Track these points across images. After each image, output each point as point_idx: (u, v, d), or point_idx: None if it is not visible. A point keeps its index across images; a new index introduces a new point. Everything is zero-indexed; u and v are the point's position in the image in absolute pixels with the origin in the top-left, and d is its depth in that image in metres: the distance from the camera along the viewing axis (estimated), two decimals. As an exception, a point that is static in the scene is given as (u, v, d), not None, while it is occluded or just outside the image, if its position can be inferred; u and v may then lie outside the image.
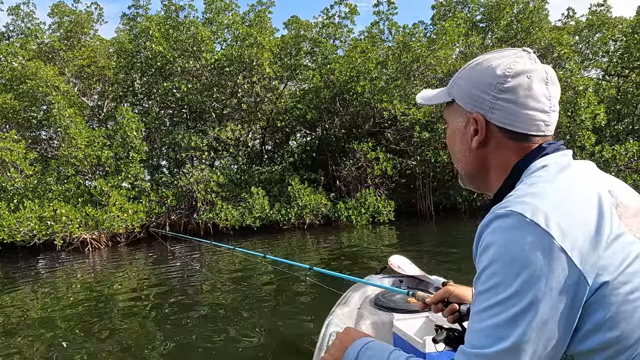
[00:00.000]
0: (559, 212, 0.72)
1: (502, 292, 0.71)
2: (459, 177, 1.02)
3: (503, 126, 0.88)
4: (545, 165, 0.83)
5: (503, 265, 0.72)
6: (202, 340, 4.86)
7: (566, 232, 0.71)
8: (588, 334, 0.72)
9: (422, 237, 13.02)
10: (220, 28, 18.37)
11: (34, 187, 14.20)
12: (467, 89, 0.92)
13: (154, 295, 7.26)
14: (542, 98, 0.86)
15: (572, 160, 0.86)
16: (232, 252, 5.42)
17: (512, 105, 0.86)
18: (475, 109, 0.90)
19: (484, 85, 0.89)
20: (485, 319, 0.73)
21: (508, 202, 0.77)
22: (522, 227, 0.72)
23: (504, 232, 0.73)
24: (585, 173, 0.84)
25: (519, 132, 0.87)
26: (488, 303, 0.73)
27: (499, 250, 0.73)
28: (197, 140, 16.47)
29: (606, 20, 20.84)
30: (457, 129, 0.97)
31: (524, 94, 0.86)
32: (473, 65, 0.93)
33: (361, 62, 16.47)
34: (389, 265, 3.50)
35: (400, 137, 18.01)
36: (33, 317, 6.33)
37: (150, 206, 15.48)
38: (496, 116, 0.88)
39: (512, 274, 0.71)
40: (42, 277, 9.86)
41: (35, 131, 17.88)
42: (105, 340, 5.05)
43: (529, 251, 0.70)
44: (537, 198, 0.75)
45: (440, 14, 21.27)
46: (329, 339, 2.40)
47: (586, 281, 0.70)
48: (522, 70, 0.86)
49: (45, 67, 15.88)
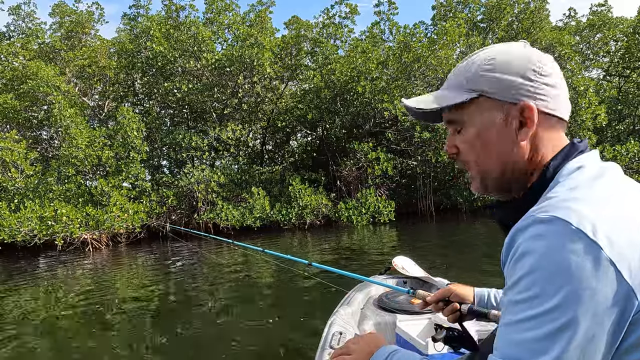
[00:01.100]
0: (605, 221, 0.67)
1: (543, 304, 0.66)
2: (480, 183, 0.92)
3: (550, 112, 0.83)
4: (582, 167, 0.79)
5: (544, 275, 0.67)
6: (203, 339, 4.86)
7: (614, 243, 0.65)
8: (631, 348, 0.68)
9: (422, 237, 13.01)
10: (220, 28, 18.38)
11: (34, 187, 14.20)
12: (500, 78, 0.84)
13: (155, 295, 7.25)
14: (563, 82, 0.86)
15: (601, 162, 0.83)
16: (260, 253, 5.31)
17: (553, 89, 0.83)
18: (515, 97, 0.82)
19: (524, 70, 0.82)
20: (524, 331, 0.68)
21: (548, 206, 0.71)
22: (567, 235, 0.66)
23: (546, 240, 0.68)
24: (624, 178, 0.80)
25: (562, 117, 0.84)
26: (526, 314, 0.68)
27: (540, 259, 0.67)
28: (198, 140, 16.47)
29: (607, 20, 20.85)
30: (491, 127, 0.86)
31: (558, 77, 0.84)
32: (493, 56, 0.86)
33: (362, 62, 16.47)
34: (393, 266, 3.50)
35: (400, 137, 18.01)
36: (33, 317, 6.33)
37: (150, 206, 15.48)
38: (543, 102, 0.82)
39: (554, 285, 0.66)
40: (42, 277, 9.85)
41: (36, 131, 17.89)
42: (106, 340, 5.05)
43: (574, 262, 0.65)
44: (581, 204, 0.69)
45: (440, 14, 21.26)
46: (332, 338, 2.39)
47: (635, 296, 0.65)
48: (546, 55, 0.86)
49: (46, 67, 15.89)
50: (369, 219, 16.07)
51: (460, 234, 13.19)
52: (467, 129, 0.89)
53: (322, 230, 15.46)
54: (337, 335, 2.41)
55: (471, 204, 18.34)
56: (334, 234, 14.34)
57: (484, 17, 20.68)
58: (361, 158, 17.16)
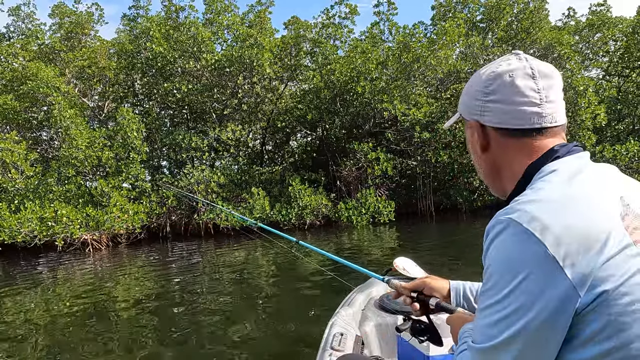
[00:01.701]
0: (557, 220, 0.74)
1: (496, 295, 0.76)
2: (489, 187, 1.07)
3: (496, 126, 0.93)
4: (555, 170, 0.84)
5: (499, 269, 0.77)
6: (203, 340, 4.86)
7: (561, 241, 0.72)
8: (585, 343, 0.73)
9: (422, 237, 13.02)
10: (220, 29, 18.36)
11: (34, 188, 14.20)
12: (464, 101, 1.01)
13: (155, 296, 7.26)
14: (528, 92, 0.88)
15: (586, 164, 0.86)
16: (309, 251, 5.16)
17: (499, 104, 0.91)
18: (471, 116, 0.98)
19: (474, 92, 0.96)
20: (483, 317, 0.79)
21: (510, 207, 0.80)
22: (517, 235, 0.75)
23: (501, 239, 0.77)
24: (597, 179, 0.83)
25: (512, 128, 0.90)
26: (485, 304, 0.79)
27: (496, 255, 0.78)
28: (198, 141, 16.47)
29: (606, 20, 20.86)
30: (469, 141, 1.03)
31: (507, 91, 0.89)
32: (470, 80, 1.00)
33: (361, 62, 16.47)
34: (394, 267, 3.50)
35: (400, 137, 18.01)
36: (33, 317, 6.33)
37: (150, 207, 15.49)
38: (488, 118, 0.93)
39: (506, 279, 0.75)
40: (42, 278, 9.86)
41: (36, 132, 17.86)
42: (106, 341, 5.05)
43: (521, 258, 0.74)
44: (537, 205, 0.77)
45: (440, 14, 21.27)
46: (333, 339, 2.40)
47: (576, 291, 0.71)
48: (503, 71, 0.91)
49: (45, 68, 15.87)
50: (369, 219, 16.08)
51: (460, 233, 13.20)
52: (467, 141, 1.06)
53: (322, 231, 15.47)
54: (338, 336, 2.42)
55: (471, 204, 18.35)
56: (334, 234, 14.35)
57: (484, 17, 20.68)
58: (361, 158, 17.16)
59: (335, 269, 7.01)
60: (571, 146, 0.89)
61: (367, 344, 2.60)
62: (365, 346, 2.52)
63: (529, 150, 0.90)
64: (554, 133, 0.90)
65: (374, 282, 3.37)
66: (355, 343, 2.38)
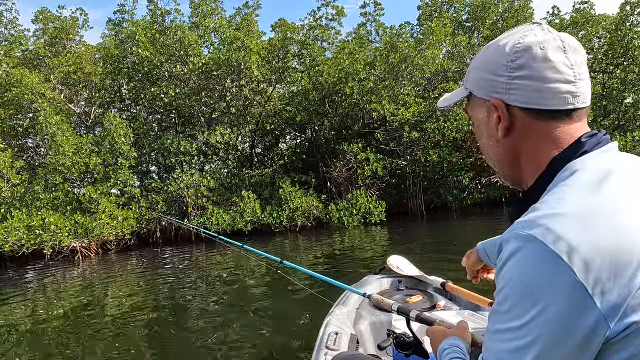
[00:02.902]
0: (586, 239, 0.64)
1: (514, 320, 0.68)
2: (497, 174, 0.95)
3: (525, 106, 0.80)
4: (581, 170, 0.75)
5: (518, 293, 0.68)
6: (195, 346, 4.81)
7: (591, 266, 0.63)
8: None
9: (414, 236, 13.04)
10: (207, 32, 18.30)
11: (21, 196, 14.01)
12: (480, 76, 0.86)
13: (146, 303, 7.18)
14: (562, 67, 0.78)
15: (616, 162, 0.77)
16: (241, 249, 5.22)
17: (530, 81, 0.79)
18: (492, 94, 0.83)
19: (496, 67, 0.82)
20: (498, 341, 0.72)
21: (530, 221, 0.70)
22: (540, 257, 0.65)
23: (521, 258, 0.68)
24: (629, 184, 0.73)
25: (545, 109, 0.79)
26: (501, 327, 0.71)
27: (515, 277, 0.68)
28: (187, 145, 16.37)
29: (590, 17, 21.11)
30: (481, 122, 0.90)
31: (540, 66, 0.78)
32: (483, 52, 0.87)
33: (349, 63, 16.51)
34: (387, 265, 3.49)
35: (390, 137, 18.07)
36: (22, 328, 6.23)
37: (140, 212, 15.35)
38: (515, 97, 0.81)
39: (525, 306, 0.66)
40: (31, 287, 9.71)
41: (22, 139, 17.62)
42: (96, 351, 4.98)
43: (544, 285, 0.65)
44: (562, 221, 0.67)
45: (426, 14, 21.42)
46: (328, 339, 2.38)
47: (606, 322, 0.63)
48: (533, 43, 0.79)
49: (30, 75, 15.67)
50: (360, 220, 16.09)
51: (452, 232, 13.26)
52: (473, 122, 0.94)
53: (313, 233, 15.44)
54: (333, 335, 2.41)
55: (461, 202, 18.44)
56: (326, 235, 14.32)
57: (470, 16, 20.88)
58: (351, 159, 17.19)
59: (322, 285, 6.99)
60: (601, 136, 0.80)
61: (362, 342, 2.59)
62: (360, 345, 2.50)
63: (556, 138, 0.80)
64: (581, 116, 0.81)
65: (369, 281, 3.36)
66: (350, 342, 2.37)
